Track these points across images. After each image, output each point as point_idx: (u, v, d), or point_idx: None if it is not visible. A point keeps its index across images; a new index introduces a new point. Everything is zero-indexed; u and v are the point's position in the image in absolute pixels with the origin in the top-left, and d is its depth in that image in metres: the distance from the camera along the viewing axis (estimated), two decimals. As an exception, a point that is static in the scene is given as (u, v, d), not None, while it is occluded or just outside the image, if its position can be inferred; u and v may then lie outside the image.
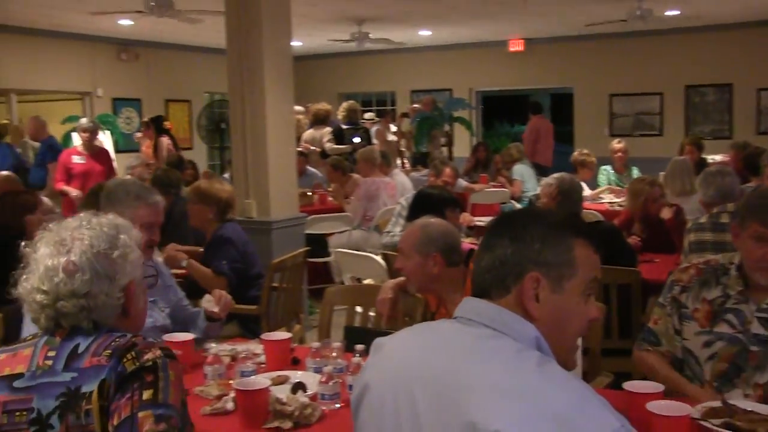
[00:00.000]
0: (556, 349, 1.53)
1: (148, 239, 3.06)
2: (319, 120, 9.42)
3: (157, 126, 9.96)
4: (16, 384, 1.69)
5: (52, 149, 8.59)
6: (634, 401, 2.20)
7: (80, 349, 1.70)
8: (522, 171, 9.02)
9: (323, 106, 9.59)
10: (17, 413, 1.67)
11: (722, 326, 2.55)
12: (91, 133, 7.92)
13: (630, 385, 2.29)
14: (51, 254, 1.77)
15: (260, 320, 4.33)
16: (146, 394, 1.64)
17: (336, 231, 7.17)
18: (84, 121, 8.23)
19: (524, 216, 1.66)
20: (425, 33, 12.96)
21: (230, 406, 2.39)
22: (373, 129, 10.98)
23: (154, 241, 3.11)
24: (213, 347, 2.89)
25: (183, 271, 4.34)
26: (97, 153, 7.91)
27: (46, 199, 6.29)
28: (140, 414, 1.61)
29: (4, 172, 6.40)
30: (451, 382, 1.43)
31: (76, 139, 10.47)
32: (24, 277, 1.79)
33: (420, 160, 10.52)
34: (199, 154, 13.09)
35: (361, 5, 10.16)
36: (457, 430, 1.37)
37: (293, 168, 6.39)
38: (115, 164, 8.49)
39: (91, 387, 1.64)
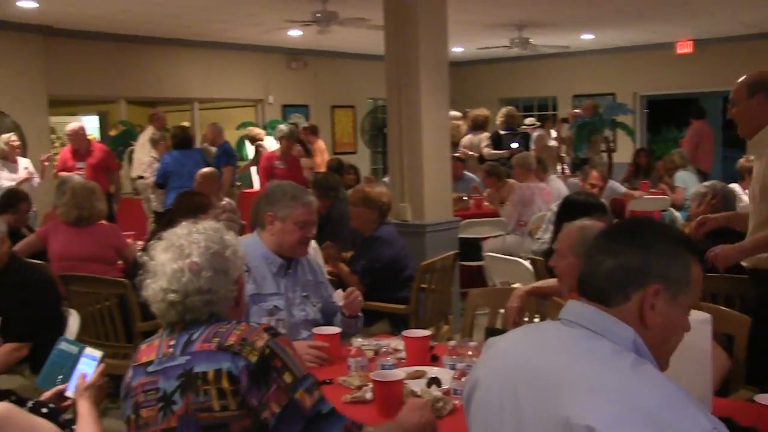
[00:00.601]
0: (658, 355, 1.60)
1: (302, 236, 3.29)
2: (478, 125, 9.51)
3: None
4: (149, 369, 1.97)
5: (227, 153, 9.19)
6: (765, 413, 2.16)
7: (193, 338, 1.95)
8: (685, 178, 8.71)
9: (482, 111, 9.67)
10: (149, 392, 1.94)
11: None
12: (289, 139, 8.33)
13: (762, 398, 2.24)
14: (173, 259, 2.02)
15: (409, 319, 4.48)
16: (288, 378, 1.87)
17: (490, 235, 7.24)
18: (283, 127, 8.71)
19: (651, 228, 1.69)
20: (588, 37, 12.75)
21: (369, 395, 2.55)
22: (535, 134, 10.94)
23: (307, 237, 3.33)
24: (358, 341, 3.08)
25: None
26: (293, 158, 8.34)
27: (228, 200, 6.80)
28: (296, 395, 1.86)
29: (207, 169, 6.94)
30: (550, 379, 1.52)
31: (249, 145, 11.19)
32: (147, 281, 2.04)
33: (579, 166, 10.37)
34: (362, 158, 13.54)
35: (521, 10, 10.17)
36: (553, 425, 1.46)
37: (448, 172, 6.52)
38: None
39: (202, 368, 1.88)
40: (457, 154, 8.92)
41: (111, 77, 11.05)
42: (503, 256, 5.27)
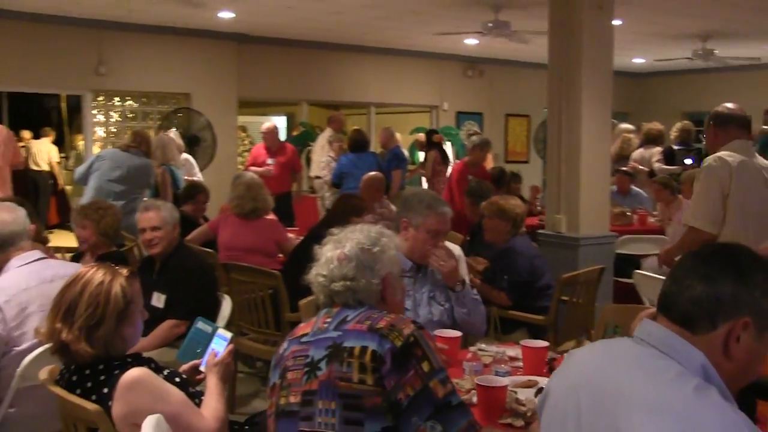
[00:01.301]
0: (732, 385, 1.58)
1: (433, 245, 3.43)
2: (650, 139, 9.22)
3: (428, 139, 10.40)
4: (302, 340, 2.23)
5: (397, 157, 9.48)
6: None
7: (348, 318, 2.20)
8: None
9: (655, 125, 9.36)
10: (298, 358, 2.19)
11: None
12: (482, 149, 8.44)
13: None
14: (331, 249, 2.34)
15: (547, 330, 4.50)
16: (425, 366, 2.07)
17: (651, 253, 7.03)
18: (475, 138, 8.83)
19: (749, 258, 1.65)
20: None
21: (475, 399, 2.66)
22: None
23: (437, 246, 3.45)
24: (479, 346, 3.17)
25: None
26: (482, 169, 8.41)
27: (389, 206, 6.99)
28: (430, 383, 2.05)
29: (372, 173, 7.23)
30: (610, 393, 1.56)
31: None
32: (313, 266, 2.34)
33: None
34: (534, 168, 13.46)
35: (705, 21, 9.78)
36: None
37: (606, 186, 6.44)
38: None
39: (350, 344, 2.10)
40: (625, 168, 8.71)
41: (295, 81, 11.71)
42: (653, 274, 5.13)
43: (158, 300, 3.91)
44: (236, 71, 11.00)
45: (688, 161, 8.98)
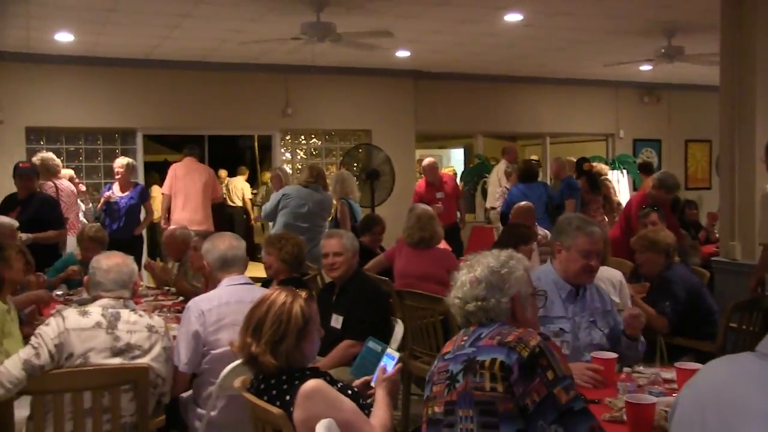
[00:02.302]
0: None
1: (585, 264, 3.57)
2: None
3: (578, 167, 10.18)
4: (445, 357, 2.50)
5: (570, 187, 9.50)
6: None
7: (482, 336, 2.45)
8: None
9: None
10: (441, 373, 2.46)
11: None
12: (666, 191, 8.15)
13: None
14: (465, 273, 2.62)
15: (714, 357, 4.45)
16: (550, 375, 2.28)
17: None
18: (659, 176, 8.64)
19: None
20: None
21: (625, 417, 2.78)
22: None
23: (591, 266, 3.58)
24: (636, 368, 3.28)
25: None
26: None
27: (544, 233, 7.08)
28: (554, 390, 2.26)
29: (524, 203, 7.36)
30: (733, 407, 1.65)
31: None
32: (451, 290, 2.63)
33: None
34: (715, 195, 12.94)
35: None
36: None
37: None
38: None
39: (483, 357, 2.34)
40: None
41: (470, 114, 12.03)
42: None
43: (336, 321, 4.30)
44: (413, 106, 11.49)
45: None
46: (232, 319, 3.49)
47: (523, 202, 7.27)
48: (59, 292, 5.66)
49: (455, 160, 15.94)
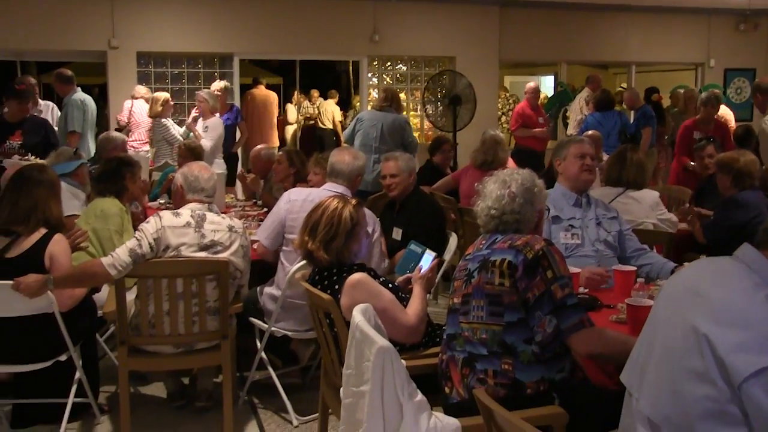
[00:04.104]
0: None
1: (582, 164, 4.11)
2: None
3: (647, 98, 10.10)
4: (467, 257, 2.97)
5: (645, 116, 9.62)
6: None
7: (496, 240, 2.89)
8: None
9: None
10: (462, 271, 2.94)
11: None
12: (706, 105, 8.30)
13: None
14: (499, 188, 3.00)
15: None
16: (549, 274, 2.71)
17: None
18: (703, 96, 8.71)
19: None
20: None
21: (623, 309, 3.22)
22: None
23: (587, 165, 4.12)
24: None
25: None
26: (717, 126, 8.15)
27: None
28: (552, 287, 2.69)
29: (591, 132, 7.58)
30: (699, 294, 1.99)
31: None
32: (478, 202, 3.03)
33: None
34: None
35: None
36: (689, 328, 1.91)
37: None
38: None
39: (495, 258, 2.79)
40: None
41: (555, 42, 12.12)
42: None
43: (397, 234, 4.81)
44: (497, 34, 11.67)
45: None
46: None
47: (590, 131, 7.51)
48: (162, 201, 6.38)
49: (545, 87, 16.02)
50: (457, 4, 11.32)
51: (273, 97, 12.31)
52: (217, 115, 8.06)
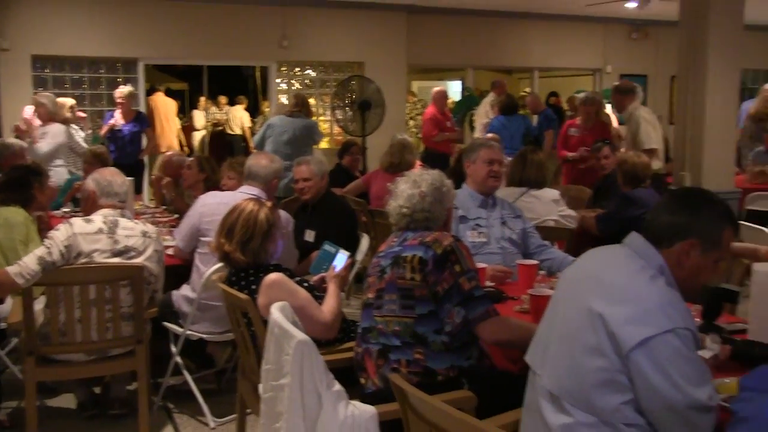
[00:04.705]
0: (683, 286, 2.22)
1: (489, 170, 4.30)
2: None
3: (546, 101, 10.59)
4: (379, 254, 3.09)
5: (548, 119, 10.03)
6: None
7: (407, 237, 3.03)
8: None
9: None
10: (375, 267, 3.06)
11: None
12: (585, 105, 8.76)
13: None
14: (410, 187, 3.15)
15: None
16: (457, 268, 2.86)
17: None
18: (584, 95, 9.18)
19: (702, 198, 2.30)
20: None
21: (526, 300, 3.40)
22: None
23: (495, 171, 4.30)
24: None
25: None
26: (595, 126, 8.78)
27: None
28: (460, 280, 2.84)
29: (489, 134, 7.90)
30: (593, 278, 2.22)
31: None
32: (390, 201, 3.18)
33: None
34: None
35: None
36: (585, 310, 2.12)
37: (731, 143, 6.74)
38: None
39: (406, 254, 2.93)
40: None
41: (461, 48, 12.48)
42: (747, 224, 5.52)
43: (309, 236, 4.91)
44: (405, 40, 11.91)
45: None
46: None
47: (489, 134, 7.79)
48: (66, 209, 6.29)
49: (452, 92, 16.36)
50: (365, 11, 11.50)
51: (171, 104, 12.25)
52: (57, 124, 7.82)
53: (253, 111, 15.51)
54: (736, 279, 4.01)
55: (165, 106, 11.82)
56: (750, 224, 5.61)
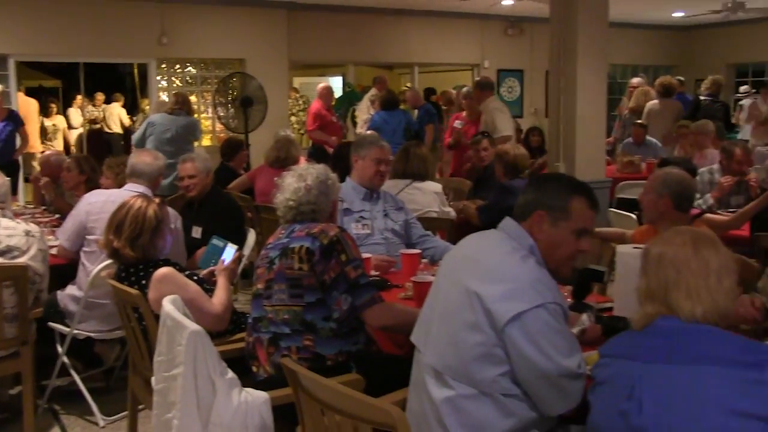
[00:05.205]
0: (549, 261, 2.43)
1: (377, 170, 4.59)
2: (665, 92, 9.80)
3: (425, 96, 11.04)
4: (268, 246, 3.18)
5: (428, 113, 10.28)
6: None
7: (295, 229, 3.12)
8: None
9: (667, 79, 9.94)
10: (264, 259, 3.13)
11: None
12: (467, 98, 9.10)
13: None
14: (296, 181, 3.24)
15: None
16: (343, 257, 2.98)
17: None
18: (465, 89, 9.55)
19: (548, 176, 2.56)
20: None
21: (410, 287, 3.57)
22: (746, 102, 10.92)
23: (381, 171, 4.48)
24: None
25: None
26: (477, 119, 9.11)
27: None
28: (346, 269, 2.95)
29: (369, 132, 8.03)
30: (470, 260, 2.42)
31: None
32: (277, 195, 3.24)
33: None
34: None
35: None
36: (463, 289, 2.30)
37: (602, 135, 7.15)
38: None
39: (294, 245, 3.02)
40: (640, 121, 9.34)
41: (342, 44, 12.58)
42: (616, 210, 5.92)
43: (196, 232, 4.93)
44: (286, 37, 11.94)
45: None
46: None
47: (368, 132, 7.98)
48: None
49: (335, 88, 16.46)
50: (245, 7, 11.46)
51: (33, 103, 11.83)
52: None
53: (132, 108, 15.18)
54: (605, 262, 4.30)
55: (26, 107, 11.31)
56: (619, 211, 6.01)
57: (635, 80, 10.50)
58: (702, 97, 9.96)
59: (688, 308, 1.88)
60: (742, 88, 12.08)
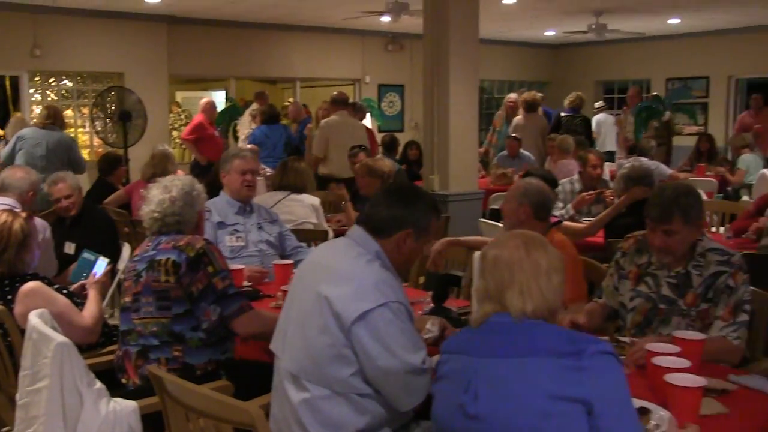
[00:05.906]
0: (399, 267, 2.60)
1: (243, 180, 4.53)
2: (529, 107, 10.32)
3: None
4: (135, 259, 3.21)
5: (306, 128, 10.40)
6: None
7: (161, 241, 3.16)
8: (749, 161, 9.10)
9: (531, 94, 10.48)
10: (131, 272, 3.17)
11: (642, 286, 3.19)
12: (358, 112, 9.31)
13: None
14: (161, 192, 3.27)
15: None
16: (210, 269, 3.04)
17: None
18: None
19: (414, 192, 2.69)
20: (675, 21, 13.09)
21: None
22: (601, 117, 11.65)
23: (248, 181, 4.53)
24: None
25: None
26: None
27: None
28: (213, 280, 3.02)
29: (249, 146, 8.11)
30: (319, 267, 2.55)
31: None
32: (143, 206, 3.27)
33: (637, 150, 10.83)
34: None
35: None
36: (314, 295, 2.43)
37: (474, 148, 7.47)
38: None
39: (160, 257, 3.06)
40: (515, 135, 9.76)
41: (223, 59, 12.56)
42: (486, 220, 6.20)
43: (69, 248, 4.89)
44: (166, 51, 11.82)
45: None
46: None
47: (249, 144, 8.05)
48: None
49: (218, 102, 16.34)
50: (123, 20, 11.27)
51: None
52: None
53: (2, 122, 14.59)
54: (471, 268, 4.51)
55: None
56: (489, 221, 6.29)
57: (512, 96, 10.97)
58: (563, 113, 10.54)
59: (519, 305, 2.07)
60: (597, 104, 12.79)
